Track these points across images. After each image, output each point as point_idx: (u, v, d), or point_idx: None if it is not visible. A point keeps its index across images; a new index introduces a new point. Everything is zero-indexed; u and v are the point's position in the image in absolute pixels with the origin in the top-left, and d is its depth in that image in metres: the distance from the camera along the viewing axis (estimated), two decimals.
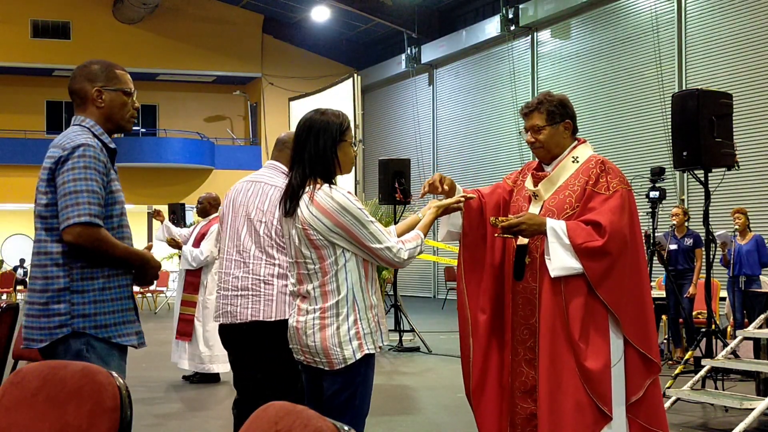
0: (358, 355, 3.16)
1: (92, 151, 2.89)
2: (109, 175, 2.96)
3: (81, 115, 3.07)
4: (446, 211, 3.58)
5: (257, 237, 3.95)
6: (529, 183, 3.71)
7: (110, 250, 2.89)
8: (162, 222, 9.02)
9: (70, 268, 2.89)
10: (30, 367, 2.36)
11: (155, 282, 3.17)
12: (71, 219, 2.80)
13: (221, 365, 8.27)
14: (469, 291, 3.73)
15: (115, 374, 2.26)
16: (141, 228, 28.65)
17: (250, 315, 3.89)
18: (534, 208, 3.61)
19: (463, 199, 3.58)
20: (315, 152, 3.16)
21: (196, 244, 8.42)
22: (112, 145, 3.04)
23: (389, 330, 11.63)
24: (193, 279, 8.43)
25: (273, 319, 3.80)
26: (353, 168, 3.53)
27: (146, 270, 3.03)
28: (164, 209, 18.37)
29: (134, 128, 29.31)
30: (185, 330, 8.39)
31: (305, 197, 3.14)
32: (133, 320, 3.03)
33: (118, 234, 2.98)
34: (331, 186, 3.15)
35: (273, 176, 4.08)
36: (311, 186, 3.14)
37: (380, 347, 3.27)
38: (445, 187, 3.63)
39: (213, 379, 8.48)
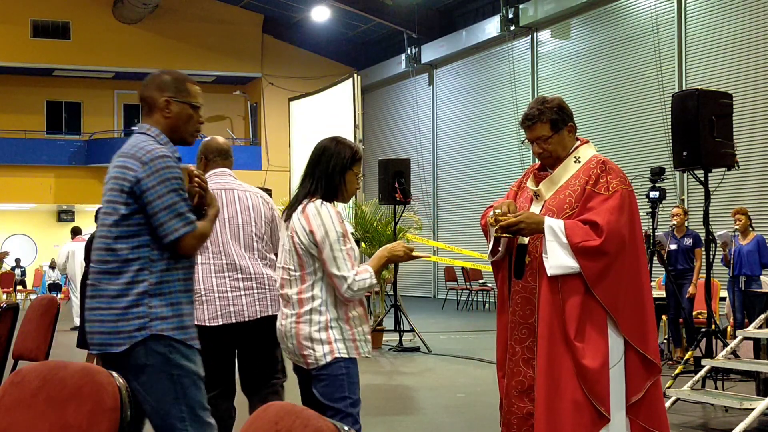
0: (329, 358, 3.40)
1: (171, 161, 3.00)
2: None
3: (147, 122, 3.14)
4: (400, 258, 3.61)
5: (249, 240, 4.27)
6: (530, 183, 3.71)
7: (207, 235, 3.10)
8: None
9: (150, 272, 2.97)
10: (30, 367, 2.36)
11: None
12: (180, 230, 2.96)
13: None
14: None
15: (115, 374, 2.26)
16: None
17: (258, 311, 4.19)
18: (535, 208, 3.61)
19: (419, 257, 3.64)
20: (324, 172, 3.48)
21: None
22: (177, 155, 3.10)
23: (389, 330, 11.67)
24: None
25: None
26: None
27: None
28: None
29: (134, 128, 29.26)
30: None
31: (300, 207, 3.47)
32: (193, 324, 3.12)
33: None
34: (324, 202, 3.44)
35: (238, 182, 4.46)
36: (308, 199, 3.47)
37: (357, 354, 3.48)
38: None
39: None
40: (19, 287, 22.82)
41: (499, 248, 3.69)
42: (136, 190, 2.95)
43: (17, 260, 26.47)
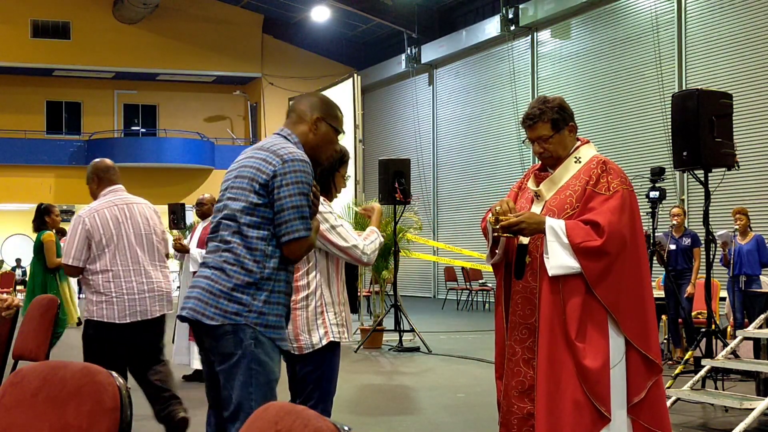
0: (324, 341, 3.75)
1: (309, 167, 3.10)
2: None
3: (291, 129, 3.25)
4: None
5: (151, 248, 5.16)
6: (531, 183, 3.71)
7: (312, 247, 3.20)
8: (187, 252, 8.83)
9: (263, 267, 3.06)
10: (30, 367, 2.36)
11: None
12: (301, 232, 3.05)
13: None
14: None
15: (115, 374, 2.26)
16: None
17: (158, 311, 5.14)
18: (536, 208, 3.62)
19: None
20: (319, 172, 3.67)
21: (201, 245, 8.43)
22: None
23: (389, 330, 11.67)
24: None
25: None
26: (354, 168, 3.90)
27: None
28: (164, 209, 18.34)
29: (134, 128, 29.38)
30: None
31: None
32: (284, 326, 3.20)
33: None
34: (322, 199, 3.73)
35: (132, 197, 5.36)
36: None
37: (345, 339, 3.87)
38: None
39: None
40: (19, 287, 22.81)
41: (497, 251, 3.69)
42: (271, 184, 3.04)
43: (18, 260, 26.48)
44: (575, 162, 3.62)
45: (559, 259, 3.41)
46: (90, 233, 4.99)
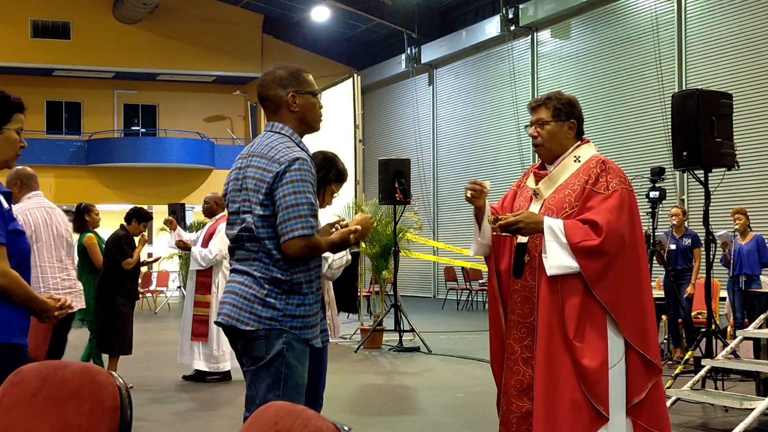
0: None
1: (307, 164, 3.10)
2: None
3: (276, 121, 3.24)
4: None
5: (69, 249, 5.85)
6: (530, 182, 3.71)
7: (322, 248, 3.19)
8: (174, 230, 9.00)
9: (291, 273, 3.10)
10: (30, 367, 2.36)
11: (155, 282, 3.26)
12: (295, 231, 3.03)
13: (228, 363, 8.37)
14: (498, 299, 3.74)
15: (115, 374, 2.26)
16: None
17: (75, 306, 5.84)
18: (534, 207, 3.61)
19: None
20: None
21: (205, 243, 8.46)
22: (309, 152, 3.25)
23: (389, 330, 11.67)
24: (204, 279, 8.49)
25: None
26: (354, 168, 3.91)
27: (344, 243, 3.30)
28: (164, 209, 18.37)
29: (134, 128, 29.39)
30: (201, 331, 8.45)
31: None
32: (318, 322, 3.25)
33: None
34: None
35: (49, 202, 5.82)
36: None
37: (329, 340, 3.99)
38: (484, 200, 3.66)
39: (226, 377, 8.56)
40: None
41: (479, 238, 3.71)
42: (274, 190, 3.07)
43: None
44: (575, 161, 3.62)
45: (557, 259, 3.41)
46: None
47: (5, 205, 3.08)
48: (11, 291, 3.00)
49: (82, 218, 8.31)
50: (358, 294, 13.69)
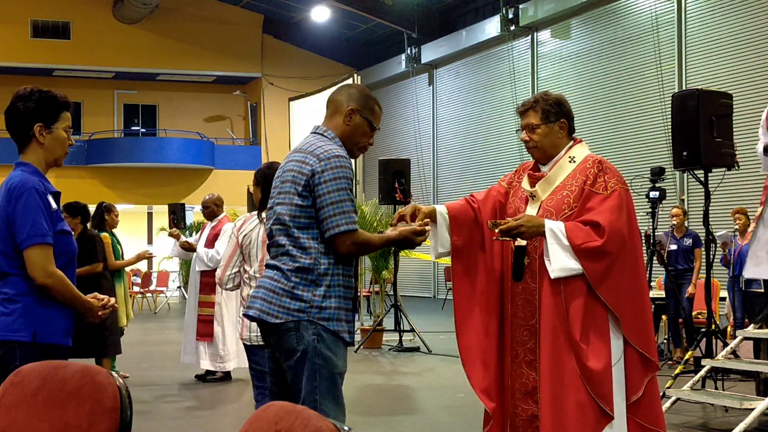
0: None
1: (346, 162, 3.18)
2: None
3: (327, 125, 3.35)
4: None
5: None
6: (525, 184, 3.69)
7: (371, 245, 3.26)
8: (177, 239, 9.02)
9: (319, 264, 3.13)
10: (30, 367, 2.36)
11: (155, 281, 3.27)
12: (341, 227, 3.10)
13: (233, 362, 8.37)
14: (461, 299, 3.71)
15: (114, 374, 2.26)
16: (141, 228, 28.65)
17: None
18: (531, 209, 3.60)
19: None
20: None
21: (209, 244, 8.45)
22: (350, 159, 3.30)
23: (389, 330, 11.67)
24: (209, 279, 8.49)
25: None
26: (354, 168, 3.96)
27: (407, 242, 3.28)
28: (164, 209, 18.33)
29: (134, 128, 29.37)
30: (206, 331, 8.47)
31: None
32: (350, 319, 3.25)
33: None
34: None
35: None
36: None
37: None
38: (415, 224, 3.41)
39: (227, 377, 8.58)
40: None
41: (439, 248, 3.72)
42: (311, 183, 3.13)
43: None
44: (570, 161, 3.61)
45: (560, 262, 3.41)
46: None
47: (53, 205, 3.18)
48: (57, 291, 3.06)
49: (102, 217, 8.36)
50: (358, 294, 13.70)
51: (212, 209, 8.64)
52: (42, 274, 3.02)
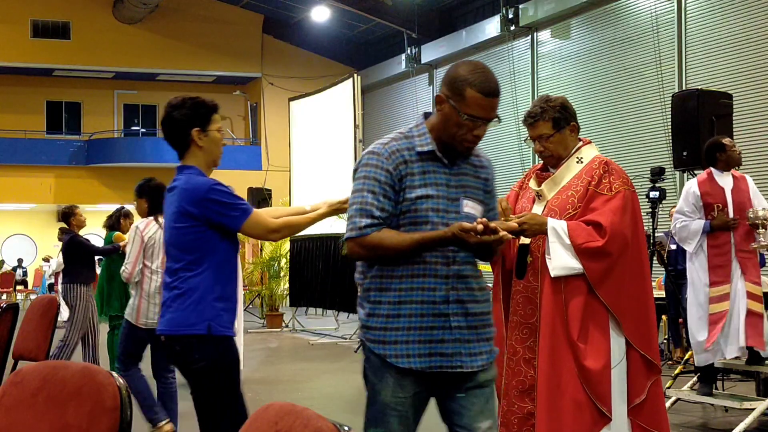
0: None
1: (371, 158, 2.80)
2: (403, 180, 2.77)
3: (431, 115, 2.91)
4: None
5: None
6: (533, 183, 3.72)
7: (393, 248, 2.73)
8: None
9: (364, 277, 2.84)
10: (30, 367, 2.36)
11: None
12: (346, 233, 2.80)
13: None
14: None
15: (115, 374, 2.26)
16: None
17: None
18: (537, 208, 3.62)
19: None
20: None
21: None
22: (426, 148, 2.81)
23: None
24: None
25: None
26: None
27: (463, 243, 2.69)
28: None
29: (134, 128, 29.38)
30: None
31: None
32: (424, 341, 2.73)
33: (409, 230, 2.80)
34: None
35: None
36: None
37: None
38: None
39: None
40: (19, 287, 22.81)
41: None
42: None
43: (19, 260, 26.46)
44: (577, 162, 3.62)
45: (561, 260, 3.41)
46: None
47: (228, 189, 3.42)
48: (288, 233, 3.49)
49: (119, 221, 8.51)
50: (358, 294, 13.68)
51: None
52: (265, 232, 3.36)
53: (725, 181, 6.14)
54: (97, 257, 9.14)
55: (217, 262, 3.30)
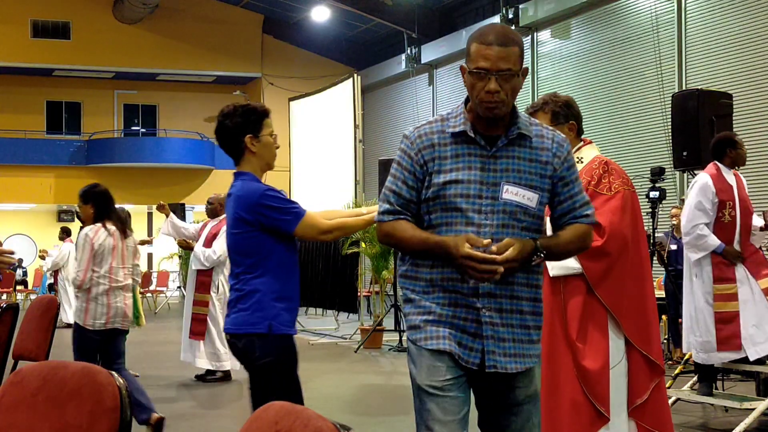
0: None
1: (404, 142, 2.79)
2: (429, 165, 2.71)
3: None
4: None
5: None
6: None
7: (402, 243, 2.73)
8: (167, 216, 9.05)
9: (402, 263, 2.80)
10: (30, 367, 2.36)
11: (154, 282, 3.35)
12: (379, 216, 2.84)
13: (231, 361, 8.42)
14: None
15: (115, 374, 2.26)
16: (141, 228, 28.63)
17: None
18: None
19: None
20: None
21: (207, 244, 8.48)
22: (458, 129, 2.69)
23: (389, 330, 11.66)
24: (204, 279, 8.53)
25: None
26: (354, 168, 3.86)
27: (451, 260, 2.59)
28: None
29: (134, 128, 29.38)
30: (199, 329, 8.49)
31: None
32: (455, 329, 2.65)
33: (432, 221, 2.72)
34: None
35: None
36: None
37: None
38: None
39: (226, 377, 8.57)
40: (19, 287, 22.81)
41: None
42: None
43: (19, 260, 26.47)
44: (578, 162, 3.62)
45: (560, 260, 3.41)
46: None
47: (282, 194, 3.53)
48: (342, 234, 3.62)
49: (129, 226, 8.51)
50: (358, 294, 13.69)
51: (216, 208, 8.68)
52: (317, 233, 3.47)
53: (731, 178, 6.12)
54: None
55: (276, 263, 3.42)
